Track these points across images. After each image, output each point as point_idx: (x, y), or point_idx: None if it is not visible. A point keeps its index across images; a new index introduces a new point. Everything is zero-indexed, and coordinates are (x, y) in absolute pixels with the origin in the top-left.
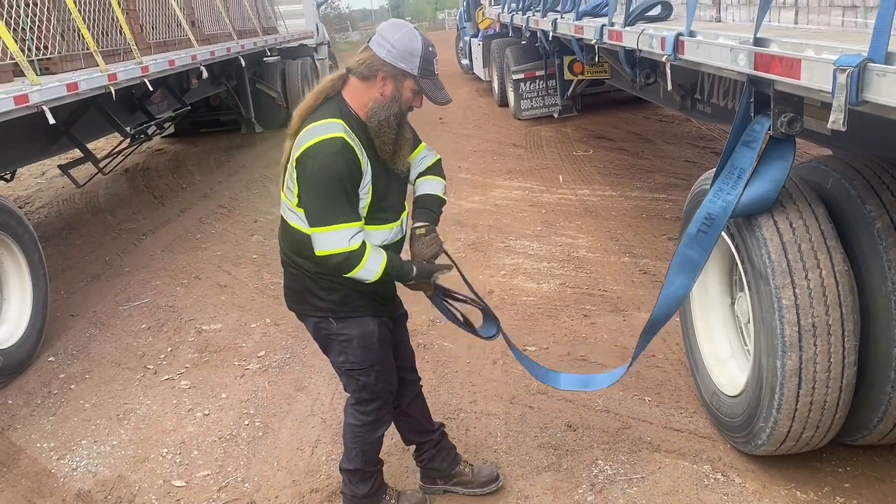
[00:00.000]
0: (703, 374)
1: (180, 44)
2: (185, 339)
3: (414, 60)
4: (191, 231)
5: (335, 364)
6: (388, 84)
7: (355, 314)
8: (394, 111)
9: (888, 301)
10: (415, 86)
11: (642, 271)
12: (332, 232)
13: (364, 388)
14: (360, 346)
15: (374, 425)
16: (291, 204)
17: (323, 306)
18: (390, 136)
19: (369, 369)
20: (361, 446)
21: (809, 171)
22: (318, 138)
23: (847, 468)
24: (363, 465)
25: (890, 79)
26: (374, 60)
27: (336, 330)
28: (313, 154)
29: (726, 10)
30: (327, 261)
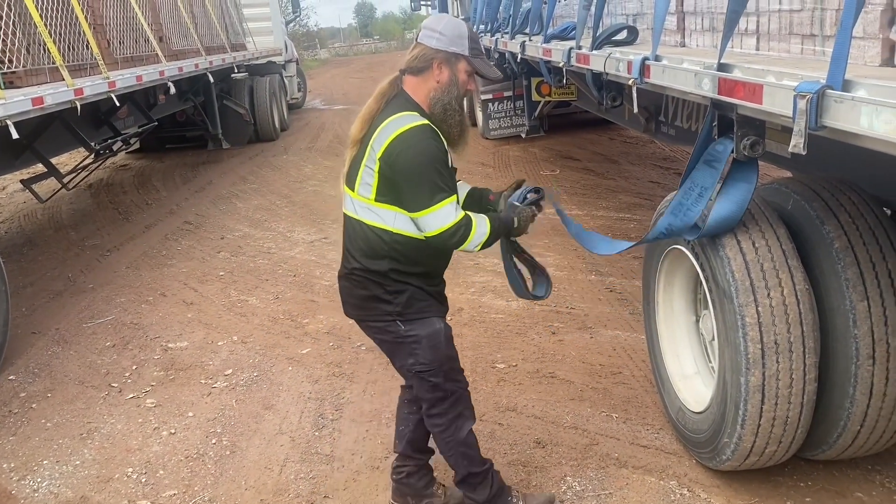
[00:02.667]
0: (668, 390)
1: (148, 59)
2: (151, 357)
3: (463, 42)
4: (156, 248)
5: (404, 367)
6: (444, 70)
7: (422, 315)
8: (454, 95)
9: (846, 319)
10: (468, 66)
11: (609, 289)
12: (440, 209)
13: (435, 388)
14: (429, 345)
15: (456, 423)
16: (368, 201)
17: (390, 310)
18: (456, 118)
19: (438, 369)
20: (457, 450)
21: (771, 193)
22: (404, 127)
23: (808, 483)
24: (469, 469)
25: (847, 105)
26: (426, 52)
27: (404, 332)
28: (406, 141)
29: (690, 35)
30: (441, 238)
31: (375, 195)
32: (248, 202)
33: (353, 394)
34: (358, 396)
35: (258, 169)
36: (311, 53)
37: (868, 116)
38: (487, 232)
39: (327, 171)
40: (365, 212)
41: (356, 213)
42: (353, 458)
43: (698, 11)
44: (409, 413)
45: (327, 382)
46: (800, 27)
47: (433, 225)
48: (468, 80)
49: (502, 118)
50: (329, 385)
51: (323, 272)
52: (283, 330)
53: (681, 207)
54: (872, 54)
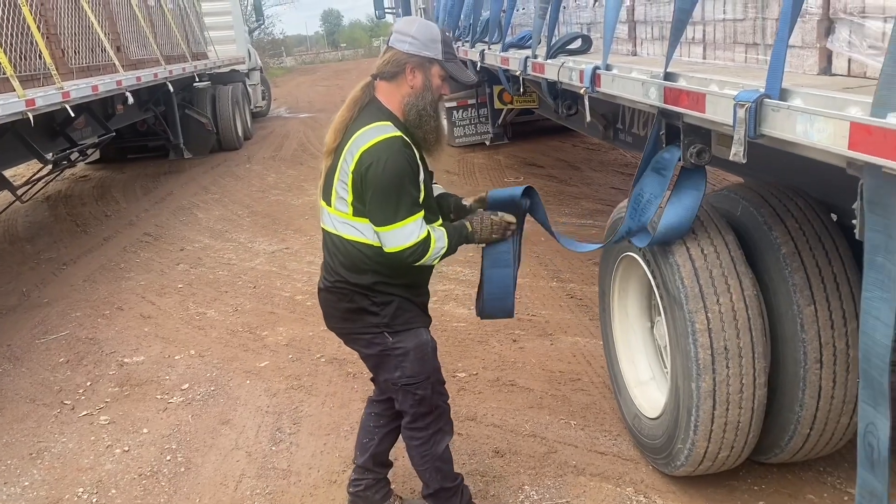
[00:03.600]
0: (625, 396)
1: (105, 69)
2: (106, 373)
3: (436, 46)
4: (114, 260)
5: (390, 381)
6: (417, 75)
7: (409, 326)
8: (428, 100)
9: (794, 323)
10: (441, 71)
11: (569, 296)
12: (403, 227)
13: (422, 401)
14: (417, 357)
15: (436, 438)
16: (346, 216)
17: (377, 322)
18: (431, 124)
19: (425, 381)
20: (432, 465)
21: (720, 200)
22: (376, 139)
23: (762, 486)
24: (441, 483)
25: (783, 114)
26: (398, 56)
27: (392, 344)
28: (377, 153)
29: (641, 44)
30: (399, 255)
31: (352, 210)
32: (210, 213)
33: (312, 407)
34: (317, 409)
35: (220, 179)
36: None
37: (803, 125)
38: (445, 246)
39: (291, 180)
40: (344, 227)
41: (335, 229)
42: (311, 473)
43: (648, 21)
44: (376, 427)
45: (286, 396)
46: (743, 36)
47: (394, 241)
48: (442, 85)
49: (467, 126)
50: (287, 398)
51: (283, 283)
52: (242, 343)
53: (634, 213)
54: (811, 63)
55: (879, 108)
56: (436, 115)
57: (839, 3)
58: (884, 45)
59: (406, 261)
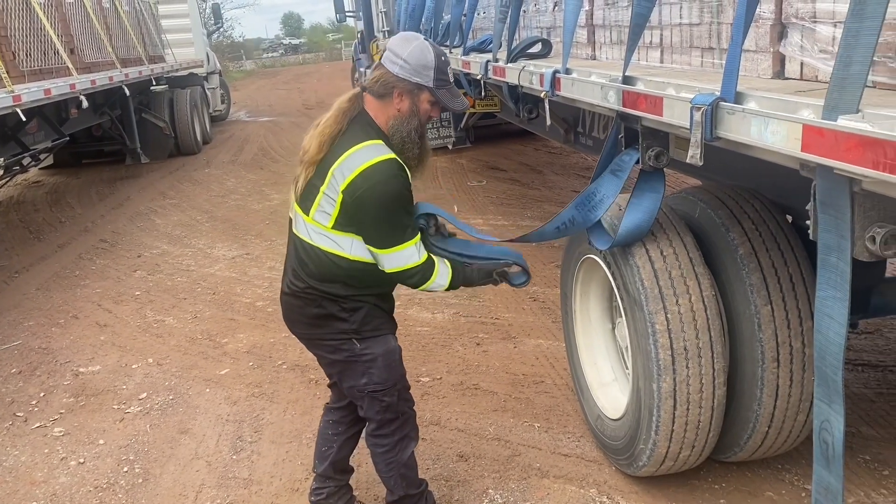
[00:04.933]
0: (588, 398)
1: (58, 72)
2: (60, 383)
3: (428, 73)
4: (69, 268)
5: (355, 388)
6: (405, 100)
7: (377, 332)
8: (414, 126)
9: (752, 323)
10: (431, 97)
11: (532, 298)
12: (403, 250)
13: (388, 408)
14: (384, 364)
15: (401, 444)
16: (325, 227)
17: (346, 328)
18: (414, 150)
19: (392, 388)
20: (397, 472)
21: (678, 202)
22: (372, 161)
23: (723, 484)
24: (406, 490)
25: (738, 117)
26: (388, 78)
27: (359, 351)
28: (372, 176)
29: (600, 48)
30: (399, 276)
31: (334, 223)
32: (168, 218)
33: (274, 414)
34: (278, 417)
35: (178, 183)
36: (237, 65)
37: (758, 127)
38: (447, 283)
39: (251, 184)
40: (320, 238)
41: (310, 238)
42: (272, 482)
43: (607, 25)
44: (335, 434)
45: (246, 403)
46: (699, 40)
47: (393, 264)
48: (431, 109)
49: (430, 130)
50: (248, 406)
51: (244, 289)
52: (201, 350)
53: (584, 205)
54: (765, 67)
55: (830, 111)
56: (420, 142)
57: (791, 8)
58: (834, 49)
59: (406, 283)
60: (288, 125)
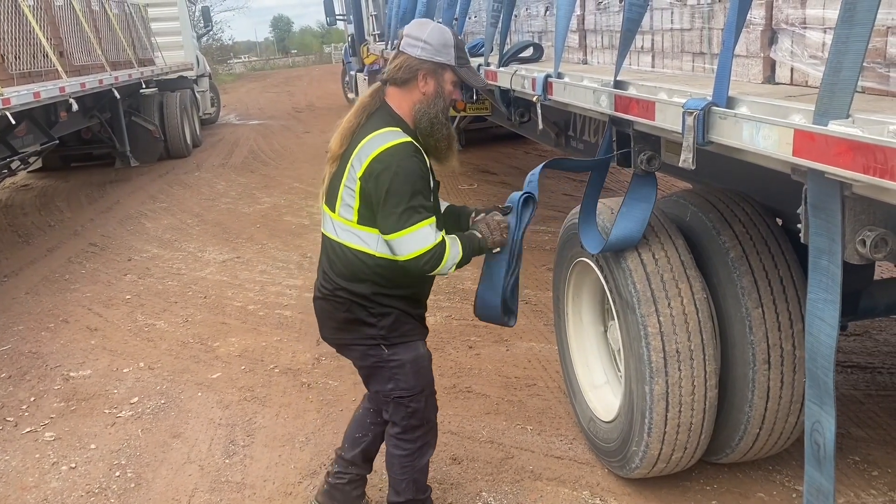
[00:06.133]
0: (580, 400)
1: (48, 75)
2: (51, 388)
3: (449, 51)
4: (58, 272)
5: (382, 392)
6: (430, 81)
7: (406, 339)
8: (440, 107)
9: (743, 326)
10: (454, 76)
11: (524, 301)
12: (417, 231)
13: (413, 414)
14: (413, 370)
15: (421, 451)
16: (350, 223)
17: (374, 333)
18: (443, 131)
19: (419, 395)
20: (411, 476)
21: (670, 205)
22: (387, 144)
23: (714, 486)
24: (414, 495)
25: (730, 121)
26: (410, 62)
27: (387, 356)
28: (387, 159)
29: (592, 53)
30: (415, 263)
31: (357, 217)
32: (158, 222)
33: (266, 418)
34: (271, 421)
35: (168, 187)
36: (226, 68)
37: (749, 132)
38: (460, 253)
39: (241, 187)
40: (346, 234)
41: (336, 235)
42: (266, 485)
43: (598, 30)
44: (372, 423)
45: (239, 407)
46: (690, 45)
47: (409, 248)
48: (454, 91)
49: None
50: (240, 410)
51: (235, 293)
52: (193, 354)
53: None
54: (755, 72)
55: (821, 115)
56: (447, 123)
57: (781, 14)
58: (824, 54)
59: (422, 269)
60: (278, 128)
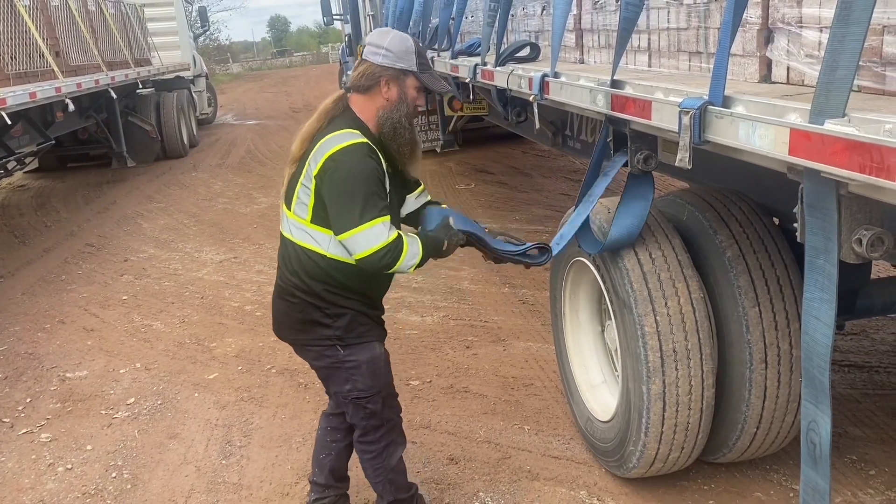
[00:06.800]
0: (577, 400)
1: (44, 75)
2: (47, 389)
3: (411, 58)
4: (55, 272)
5: (339, 394)
6: (392, 87)
7: (362, 340)
8: (403, 112)
9: (740, 325)
10: (416, 82)
11: (521, 301)
12: (370, 228)
13: (372, 415)
14: (369, 371)
15: (388, 450)
16: (304, 222)
17: (329, 334)
18: (406, 136)
19: (376, 396)
20: (385, 477)
21: (667, 205)
22: (343, 144)
23: (712, 485)
24: (395, 495)
25: (727, 120)
26: (373, 69)
27: (343, 357)
28: (340, 158)
29: (588, 52)
30: (370, 260)
31: (311, 216)
32: (155, 222)
33: (263, 419)
34: (267, 421)
35: (165, 187)
36: (224, 68)
37: (745, 131)
38: (419, 252)
39: (238, 188)
40: (300, 233)
41: (291, 234)
42: (262, 486)
43: (595, 29)
44: (333, 441)
45: (235, 408)
46: (687, 45)
47: (362, 245)
48: (417, 96)
49: (417, 133)
50: (237, 410)
51: (232, 293)
52: (190, 355)
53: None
54: (751, 71)
55: (817, 115)
56: (410, 128)
57: (777, 13)
58: (820, 54)
59: (379, 266)
60: (275, 128)
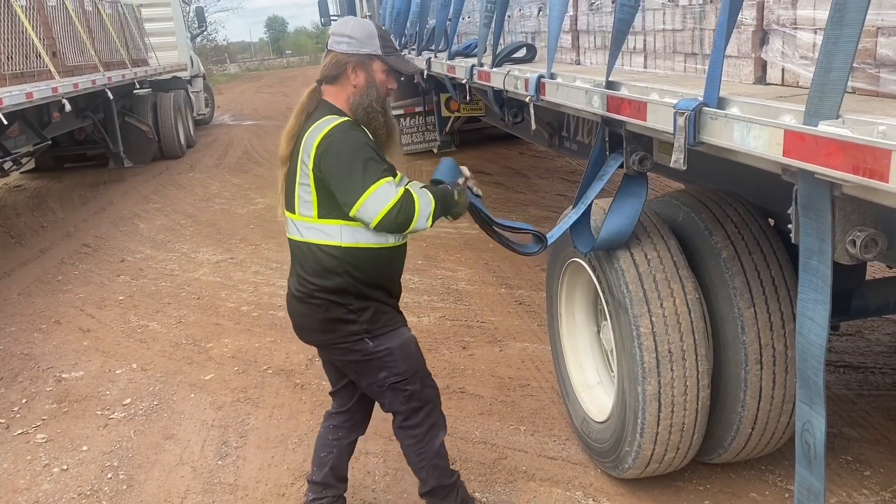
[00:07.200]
0: (573, 401)
1: (40, 75)
2: (43, 389)
3: (374, 41)
4: (51, 273)
5: (376, 384)
6: (359, 73)
7: (389, 328)
8: (373, 97)
9: (735, 326)
10: (383, 65)
11: (518, 302)
12: (376, 190)
13: (412, 397)
14: (402, 355)
15: (431, 433)
16: (312, 220)
17: (356, 329)
18: (380, 120)
19: (414, 377)
20: (429, 462)
21: (662, 206)
22: (328, 127)
23: (707, 486)
24: (439, 481)
25: (721, 122)
26: (338, 58)
27: (373, 349)
28: (330, 139)
29: (585, 53)
30: (386, 222)
31: (317, 211)
32: (151, 222)
33: (259, 419)
34: (263, 422)
35: (162, 188)
36: (221, 68)
37: (740, 132)
38: (432, 201)
39: (235, 188)
40: (310, 232)
41: (301, 236)
42: (258, 487)
43: (591, 30)
44: (335, 439)
45: (231, 409)
46: (682, 46)
47: (374, 209)
48: (387, 79)
49: (414, 133)
50: (233, 411)
51: (228, 294)
52: (186, 355)
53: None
54: (746, 73)
55: (811, 116)
56: (383, 111)
57: (772, 14)
58: (814, 55)
59: (396, 223)
60: (272, 129)
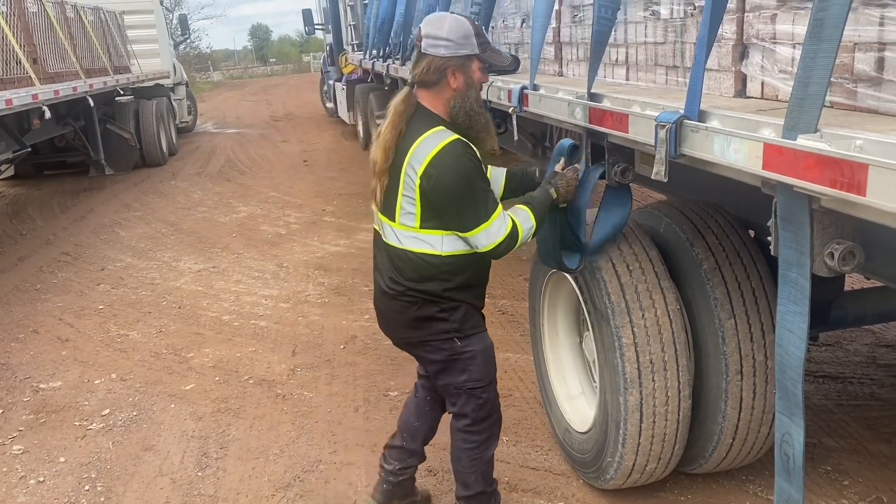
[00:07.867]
0: (556, 411)
1: (20, 82)
2: (20, 400)
3: (471, 41)
4: (29, 281)
5: (453, 385)
6: (459, 76)
7: (477, 330)
8: (473, 97)
9: (716, 336)
10: (480, 63)
11: (500, 311)
12: (491, 225)
13: (484, 404)
14: (483, 360)
15: (488, 443)
16: (414, 230)
17: (447, 328)
18: (481, 120)
19: (489, 385)
20: (480, 468)
21: (644, 217)
22: (439, 146)
23: (689, 496)
24: (483, 487)
25: (702, 135)
26: (436, 62)
27: (460, 349)
28: (443, 162)
29: (567, 65)
30: (495, 252)
31: (420, 223)
32: (132, 231)
33: (240, 430)
34: (244, 433)
35: (144, 195)
36: (204, 76)
37: (720, 145)
38: (533, 224)
39: (217, 196)
40: (410, 241)
41: (400, 244)
42: (238, 499)
43: (573, 42)
44: (432, 411)
45: (212, 419)
46: (664, 59)
47: (488, 240)
48: (483, 76)
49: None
50: (214, 422)
51: (210, 303)
52: (166, 365)
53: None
54: (727, 86)
55: (790, 130)
56: (482, 110)
57: (752, 29)
58: (793, 69)
59: (502, 252)
60: (255, 137)
